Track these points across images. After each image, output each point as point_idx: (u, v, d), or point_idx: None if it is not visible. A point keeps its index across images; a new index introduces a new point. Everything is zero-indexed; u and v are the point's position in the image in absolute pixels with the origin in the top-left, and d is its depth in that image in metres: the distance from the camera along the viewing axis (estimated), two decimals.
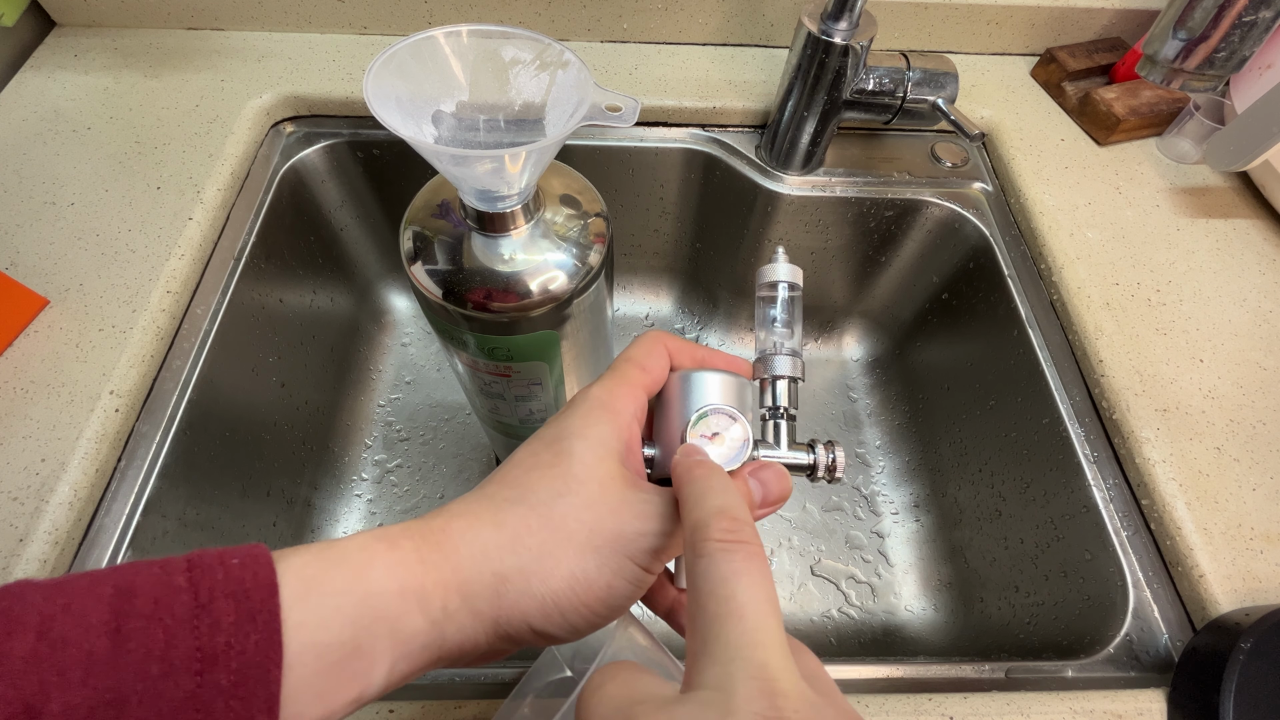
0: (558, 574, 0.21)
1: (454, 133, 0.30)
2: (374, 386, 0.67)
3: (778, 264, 0.30)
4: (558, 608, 0.21)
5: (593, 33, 0.60)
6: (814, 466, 0.27)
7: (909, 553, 0.61)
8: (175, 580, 0.18)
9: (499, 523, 0.22)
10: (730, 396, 0.26)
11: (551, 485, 0.23)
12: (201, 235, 0.47)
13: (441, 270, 0.33)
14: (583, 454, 0.23)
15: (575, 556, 0.22)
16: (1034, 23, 0.61)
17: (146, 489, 0.39)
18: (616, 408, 0.24)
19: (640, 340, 0.27)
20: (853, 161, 0.58)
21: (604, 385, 0.25)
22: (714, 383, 0.26)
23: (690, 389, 0.26)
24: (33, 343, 0.41)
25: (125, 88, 0.54)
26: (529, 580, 0.21)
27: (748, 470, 0.25)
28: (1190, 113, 0.55)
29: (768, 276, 0.30)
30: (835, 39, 0.46)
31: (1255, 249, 0.51)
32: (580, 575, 0.22)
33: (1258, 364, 0.45)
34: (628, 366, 0.26)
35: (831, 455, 0.27)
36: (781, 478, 0.25)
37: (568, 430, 0.24)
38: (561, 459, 0.23)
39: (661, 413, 0.27)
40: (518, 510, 0.22)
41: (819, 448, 0.28)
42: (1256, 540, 0.39)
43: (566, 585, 0.21)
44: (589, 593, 0.22)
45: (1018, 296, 0.51)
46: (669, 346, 0.27)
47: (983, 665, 0.38)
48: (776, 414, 0.28)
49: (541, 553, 0.22)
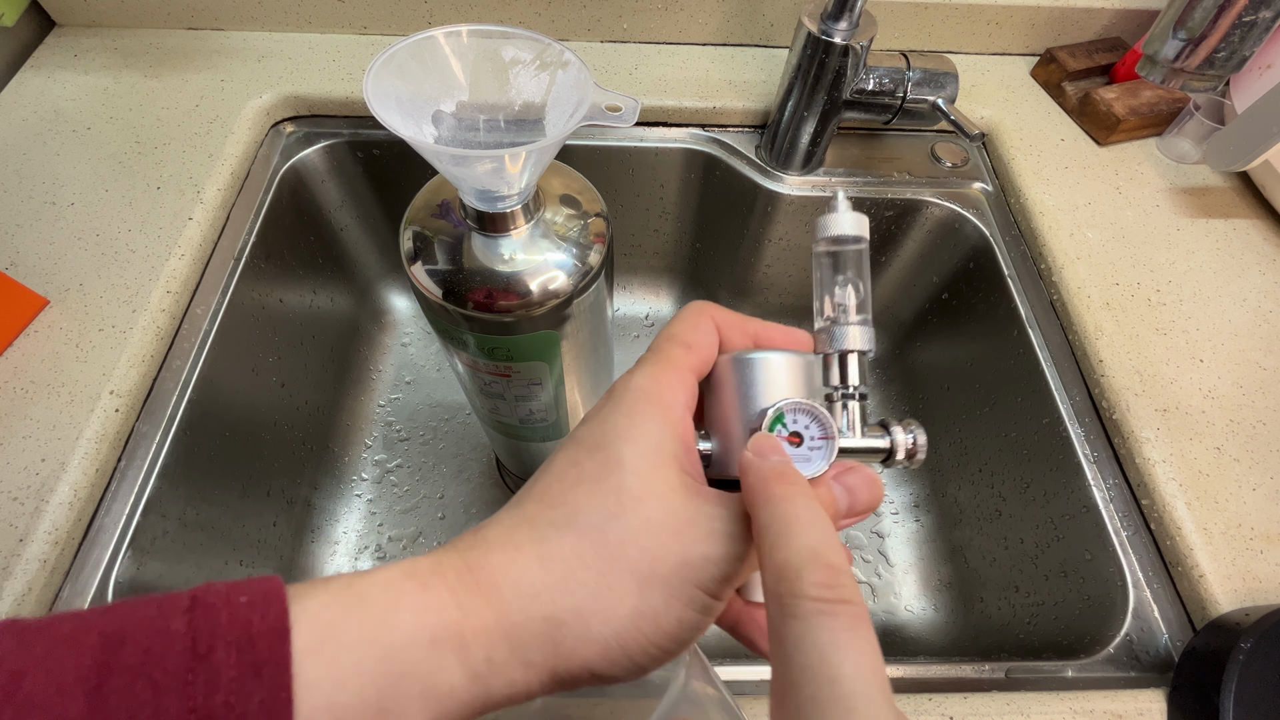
0: (620, 612, 0.18)
1: (454, 133, 0.30)
2: (374, 386, 0.67)
3: (840, 213, 0.25)
4: (622, 649, 0.19)
5: (593, 33, 0.60)
6: (892, 451, 0.24)
7: (909, 553, 0.61)
8: (173, 625, 0.15)
9: (546, 555, 0.19)
10: (798, 381, 0.22)
11: (603, 504, 0.19)
12: (201, 235, 0.47)
13: (441, 270, 0.33)
14: (635, 463, 0.20)
15: (638, 590, 0.19)
16: (1034, 23, 0.61)
17: (146, 489, 0.39)
18: (666, 399, 0.21)
19: (683, 314, 0.23)
20: (853, 161, 0.58)
21: (647, 372, 0.21)
22: (780, 366, 0.22)
23: (753, 376, 0.22)
24: (33, 343, 0.41)
25: (125, 88, 0.54)
26: (588, 623, 0.18)
27: (832, 474, 0.22)
28: (1190, 113, 0.55)
29: (829, 230, 0.25)
30: (835, 39, 0.46)
31: (1255, 249, 0.51)
32: (647, 611, 0.19)
33: (1258, 364, 0.45)
34: (671, 346, 0.22)
35: (912, 436, 0.24)
36: (873, 485, 0.22)
37: (614, 433, 0.20)
38: (610, 470, 0.20)
39: (715, 398, 0.23)
40: (567, 538, 0.19)
41: (895, 428, 0.24)
42: (1256, 540, 0.39)
43: (632, 624, 0.18)
44: (657, 630, 0.19)
45: (1018, 296, 0.51)
46: (716, 320, 0.23)
47: (983, 665, 0.38)
48: (846, 394, 0.24)
49: (600, 589, 0.18)
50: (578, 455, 0.20)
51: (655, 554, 0.19)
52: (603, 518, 0.19)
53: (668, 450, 0.20)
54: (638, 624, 0.18)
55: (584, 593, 0.18)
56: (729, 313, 0.24)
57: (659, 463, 0.20)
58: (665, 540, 0.19)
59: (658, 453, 0.20)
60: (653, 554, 0.19)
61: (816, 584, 0.16)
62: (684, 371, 0.22)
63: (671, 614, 0.19)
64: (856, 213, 0.25)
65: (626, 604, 0.18)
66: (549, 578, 0.19)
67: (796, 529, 0.17)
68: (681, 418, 0.21)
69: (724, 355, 0.23)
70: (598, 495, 0.19)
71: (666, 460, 0.20)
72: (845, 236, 0.25)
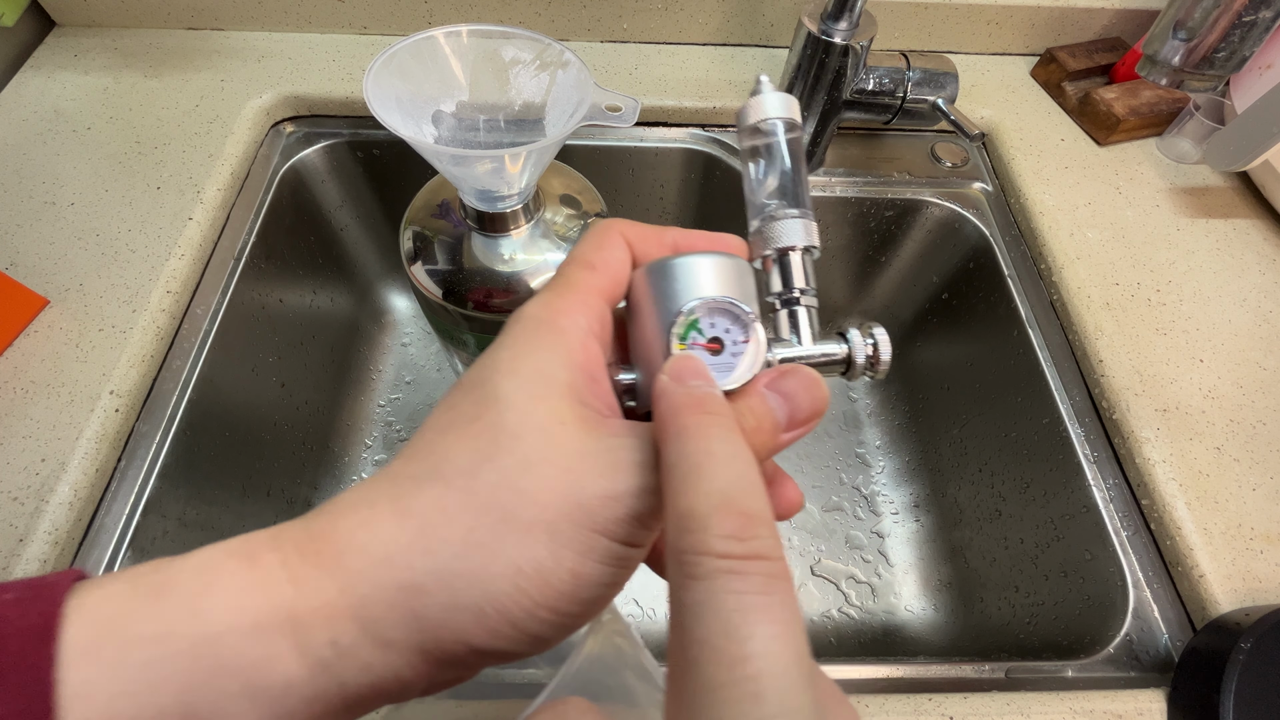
0: (494, 571, 0.15)
1: (454, 133, 0.30)
2: (374, 386, 0.67)
3: (764, 94, 0.22)
4: (504, 617, 0.15)
5: (593, 33, 0.60)
6: (849, 360, 0.21)
7: (909, 553, 0.61)
8: None
9: (403, 511, 0.16)
10: (730, 283, 0.19)
11: (474, 446, 0.16)
12: (201, 235, 0.47)
13: (442, 270, 0.33)
14: (513, 395, 0.16)
15: (517, 543, 0.15)
16: (1034, 23, 0.61)
17: (146, 489, 0.39)
18: (560, 325, 0.18)
19: (588, 234, 0.20)
20: (853, 161, 0.58)
21: (541, 299, 0.18)
22: (702, 268, 0.19)
23: (668, 282, 0.19)
24: (33, 343, 0.41)
25: (125, 88, 0.54)
26: (453, 588, 0.15)
27: (763, 382, 0.18)
28: (1190, 113, 0.55)
29: (753, 115, 0.22)
30: (835, 39, 0.46)
31: (1255, 249, 0.51)
32: (529, 568, 0.15)
33: (1258, 364, 0.45)
34: (571, 268, 0.19)
35: (871, 340, 0.20)
36: (812, 386, 0.18)
37: (493, 366, 0.17)
38: (486, 408, 0.16)
39: (634, 319, 0.20)
40: (430, 490, 0.16)
41: (853, 332, 0.21)
42: (1256, 540, 0.39)
43: (511, 585, 0.15)
44: (546, 589, 0.15)
45: (1018, 296, 0.51)
46: (626, 235, 0.20)
47: (983, 665, 0.38)
48: (791, 299, 0.21)
49: (467, 546, 0.15)
50: (454, 398, 0.17)
51: (536, 497, 0.16)
52: (473, 462, 0.16)
53: (558, 380, 0.17)
54: (518, 584, 0.15)
55: (447, 552, 0.15)
56: (642, 226, 0.21)
57: (544, 393, 0.17)
58: (551, 480, 0.16)
59: (544, 383, 0.17)
60: (533, 498, 0.16)
61: (724, 535, 0.13)
62: (586, 294, 0.19)
63: (563, 567, 0.15)
64: (783, 93, 0.22)
65: (500, 561, 0.15)
66: (404, 538, 0.15)
67: (707, 468, 0.14)
68: (582, 343, 0.18)
69: (638, 268, 0.20)
70: (468, 438, 0.16)
71: (556, 390, 0.17)
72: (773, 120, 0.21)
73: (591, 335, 0.18)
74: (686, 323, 0.18)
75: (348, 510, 0.16)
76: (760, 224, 0.22)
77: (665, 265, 0.19)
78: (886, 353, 0.20)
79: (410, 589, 0.15)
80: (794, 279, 0.21)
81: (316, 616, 0.15)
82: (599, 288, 0.19)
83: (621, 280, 0.20)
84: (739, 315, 0.18)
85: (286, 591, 0.15)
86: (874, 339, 0.20)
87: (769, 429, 0.18)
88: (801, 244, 0.21)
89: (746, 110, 0.22)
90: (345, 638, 0.15)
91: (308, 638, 0.15)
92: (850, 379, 0.21)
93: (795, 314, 0.21)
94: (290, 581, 0.15)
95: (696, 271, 0.19)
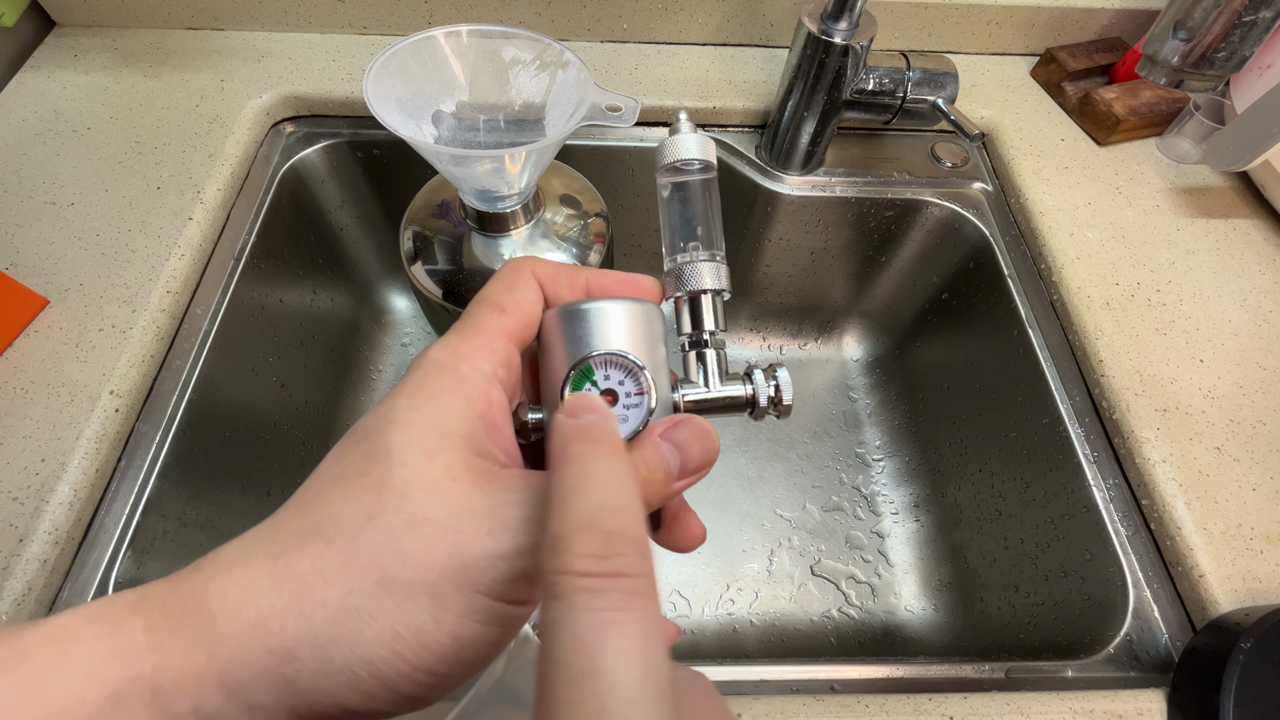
0: (369, 635, 0.15)
1: (454, 133, 0.30)
2: (374, 386, 0.67)
3: (681, 135, 0.22)
4: (378, 680, 0.15)
5: (593, 33, 0.60)
6: (753, 400, 0.21)
7: (909, 553, 0.61)
8: None
9: (281, 572, 0.15)
10: (638, 332, 0.20)
11: (359, 504, 0.16)
12: (201, 235, 0.47)
13: (442, 270, 0.33)
14: (404, 450, 0.16)
15: (396, 606, 0.15)
16: (1034, 23, 0.61)
17: (146, 489, 0.39)
18: (463, 371, 0.17)
19: (500, 273, 0.20)
20: (853, 161, 0.58)
21: (445, 343, 0.18)
22: (612, 315, 0.19)
23: (580, 330, 0.19)
24: (33, 343, 0.41)
25: (125, 88, 0.54)
26: (326, 652, 0.15)
27: (658, 431, 0.19)
28: (1190, 113, 0.55)
29: (668, 155, 0.22)
30: (835, 39, 0.46)
31: (1255, 249, 0.51)
32: (407, 632, 0.15)
33: (1258, 364, 0.45)
34: (479, 310, 0.19)
35: (773, 382, 0.21)
36: (704, 436, 0.19)
37: (387, 416, 0.17)
38: (375, 463, 0.16)
39: (544, 361, 0.20)
40: (310, 548, 0.15)
41: (758, 374, 0.21)
42: (1256, 540, 0.39)
43: (386, 649, 0.15)
44: (424, 653, 0.15)
45: (1018, 296, 0.51)
46: (539, 274, 0.20)
47: (983, 665, 0.38)
48: (700, 342, 0.22)
49: (343, 609, 0.15)
50: (346, 447, 0.17)
51: (420, 560, 0.15)
52: (357, 521, 0.16)
53: (453, 431, 0.17)
54: (395, 649, 0.15)
55: (323, 616, 0.15)
56: (555, 264, 0.21)
57: (438, 447, 0.16)
58: (435, 541, 0.15)
59: (438, 435, 0.16)
60: (417, 560, 0.15)
61: (585, 555, 0.13)
62: (493, 337, 0.18)
63: (443, 630, 0.15)
64: (700, 134, 0.22)
65: (376, 626, 0.15)
66: (279, 600, 0.15)
67: (580, 490, 0.14)
68: (483, 390, 0.18)
69: (550, 310, 0.20)
70: (355, 494, 0.16)
71: (450, 443, 0.16)
72: (689, 161, 0.22)
73: (495, 381, 0.18)
74: (579, 374, 0.19)
75: (223, 568, 0.16)
76: (673, 265, 0.22)
77: (572, 311, 0.20)
78: (788, 395, 0.21)
79: (281, 653, 0.15)
80: (704, 321, 0.22)
81: (180, 684, 0.15)
82: (507, 330, 0.19)
83: (531, 322, 0.20)
84: (631, 368, 0.19)
85: (148, 659, 0.15)
86: (776, 380, 0.21)
87: (661, 479, 0.18)
88: (712, 287, 0.22)
89: (663, 149, 0.22)
90: (210, 704, 0.15)
91: (169, 706, 0.14)
92: (756, 418, 0.22)
93: (704, 355, 0.22)
94: (152, 649, 0.15)
95: (606, 319, 0.19)
